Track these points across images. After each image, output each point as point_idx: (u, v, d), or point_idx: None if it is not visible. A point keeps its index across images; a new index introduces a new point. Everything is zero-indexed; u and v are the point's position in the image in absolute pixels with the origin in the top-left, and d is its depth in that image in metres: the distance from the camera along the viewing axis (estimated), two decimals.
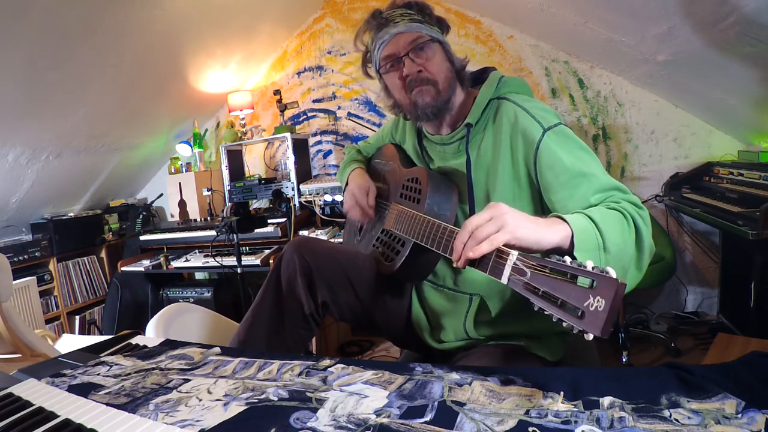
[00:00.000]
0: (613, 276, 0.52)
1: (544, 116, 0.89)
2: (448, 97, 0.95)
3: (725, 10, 1.38)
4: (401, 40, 0.93)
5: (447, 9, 2.59)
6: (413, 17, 0.94)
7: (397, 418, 0.57)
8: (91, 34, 1.88)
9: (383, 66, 0.97)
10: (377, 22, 0.96)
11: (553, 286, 0.57)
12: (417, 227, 0.91)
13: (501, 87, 0.97)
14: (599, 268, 0.54)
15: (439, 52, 0.95)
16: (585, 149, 0.88)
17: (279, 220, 2.43)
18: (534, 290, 0.60)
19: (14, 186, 2.36)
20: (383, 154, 1.25)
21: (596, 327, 0.53)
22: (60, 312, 2.68)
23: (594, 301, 0.53)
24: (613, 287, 0.52)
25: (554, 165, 0.85)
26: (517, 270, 0.62)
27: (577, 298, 0.55)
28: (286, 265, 1.05)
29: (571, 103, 2.47)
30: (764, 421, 0.50)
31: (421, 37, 0.93)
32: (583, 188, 0.82)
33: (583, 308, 0.54)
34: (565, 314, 0.56)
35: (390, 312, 1.10)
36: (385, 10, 0.97)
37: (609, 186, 0.83)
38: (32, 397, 0.68)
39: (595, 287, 0.54)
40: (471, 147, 0.96)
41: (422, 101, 0.94)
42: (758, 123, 2.00)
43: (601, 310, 0.52)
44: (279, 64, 3.04)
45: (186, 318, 1.36)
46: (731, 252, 2.13)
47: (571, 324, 0.55)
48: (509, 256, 0.64)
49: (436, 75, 0.93)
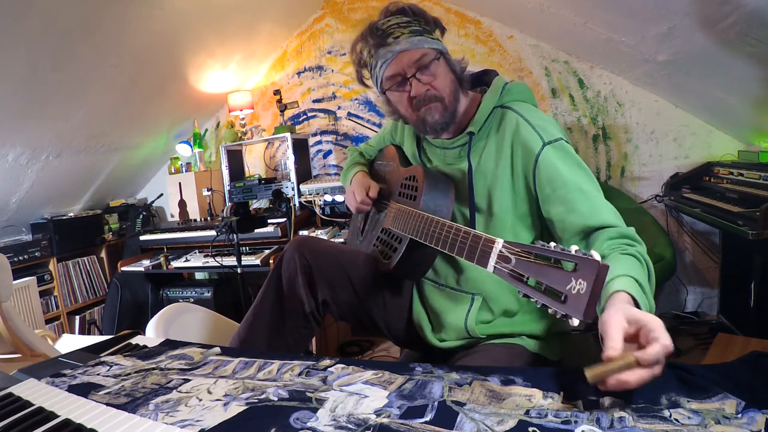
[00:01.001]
0: (596, 258, 0.52)
1: (547, 129, 0.89)
2: (454, 109, 0.95)
3: (725, 9, 1.38)
4: (405, 58, 0.90)
5: (447, 9, 2.59)
6: (412, 28, 0.91)
7: (397, 418, 0.57)
8: (91, 34, 1.88)
9: (387, 84, 0.95)
10: (376, 38, 0.92)
11: (538, 272, 0.57)
12: (413, 224, 0.91)
13: (505, 95, 0.96)
14: (582, 251, 0.53)
15: (443, 64, 0.93)
16: (583, 168, 0.88)
17: (279, 220, 2.43)
18: (519, 277, 0.59)
19: (14, 186, 2.36)
20: (384, 156, 1.26)
21: (578, 310, 0.52)
22: (60, 312, 2.68)
23: (576, 284, 0.52)
24: (595, 269, 0.51)
25: (553, 178, 0.85)
26: (503, 257, 0.62)
27: (559, 281, 0.54)
28: (286, 264, 1.05)
29: (571, 103, 2.47)
30: (764, 421, 0.50)
31: (426, 55, 0.91)
32: (581, 206, 0.83)
33: (565, 292, 0.53)
34: (548, 299, 0.55)
35: (390, 311, 1.10)
36: (380, 20, 0.93)
37: (605, 209, 0.83)
38: (32, 397, 0.68)
39: (577, 270, 0.53)
40: (473, 154, 0.96)
41: (432, 119, 0.93)
42: (758, 123, 2.00)
43: (582, 293, 0.51)
44: (279, 64, 3.04)
45: (186, 318, 1.37)
46: (731, 252, 2.12)
47: (554, 309, 0.54)
48: (495, 244, 0.63)
49: (442, 91, 0.92)
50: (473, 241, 0.69)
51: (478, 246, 0.67)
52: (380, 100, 1.03)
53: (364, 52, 0.96)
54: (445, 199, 0.96)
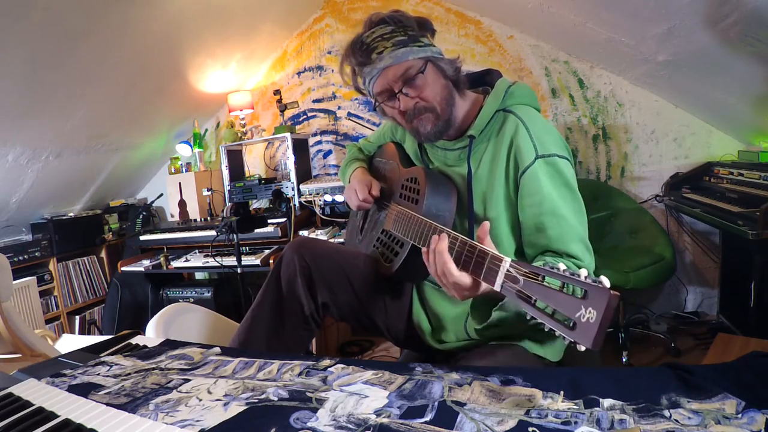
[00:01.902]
0: (606, 286, 0.51)
1: (544, 142, 0.88)
2: (448, 116, 0.94)
3: (725, 9, 1.38)
4: (390, 74, 0.89)
5: (447, 9, 2.59)
6: (396, 39, 0.89)
7: (397, 418, 0.57)
8: (92, 34, 1.88)
9: (378, 99, 0.95)
10: (360, 56, 0.91)
11: (546, 295, 0.56)
12: (415, 229, 0.91)
13: (508, 98, 0.95)
14: (592, 277, 0.52)
15: (431, 72, 0.91)
16: (570, 188, 0.87)
17: (279, 220, 2.43)
18: (527, 299, 0.59)
19: (14, 186, 2.36)
20: (384, 153, 1.25)
21: (587, 339, 0.51)
22: (60, 312, 2.68)
23: (586, 312, 0.51)
24: (605, 298, 0.50)
25: (532, 194, 0.86)
26: (510, 277, 0.61)
27: (569, 308, 0.53)
28: (286, 266, 1.05)
29: (571, 103, 2.47)
30: (764, 421, 0.50)
31: (411, 68, 0.89)
32: (550, 230, 0.84)
33: (575, 319, 0.52)
34: (557, 324, 0.55)
35: (390, 312, 1.10)
36: (364, 33, 0.91)
37: (575, 239, 0.84)
38: (32, 397, 0.68)
39: (587, 297, 0.52)
40: (473, 158, 0.95)
41: (424, 129, 0.93)
42: (758, 123, 2.00)
43: (592, 322, 0.51)
44: (279, 64, 3.04)
45: (186, 318, 1.36)
46: (731, 252, 2.12)
47: (564, 335, 0.54)
48: (502, 263, 0.63)
49: (432, 100, 0.91)
50: (479, 257, 0.68)
51: (484, 263, 0.66)
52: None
53: (350, 70, 0.96)
54: (447, 204, 0.95)
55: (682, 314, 2.37)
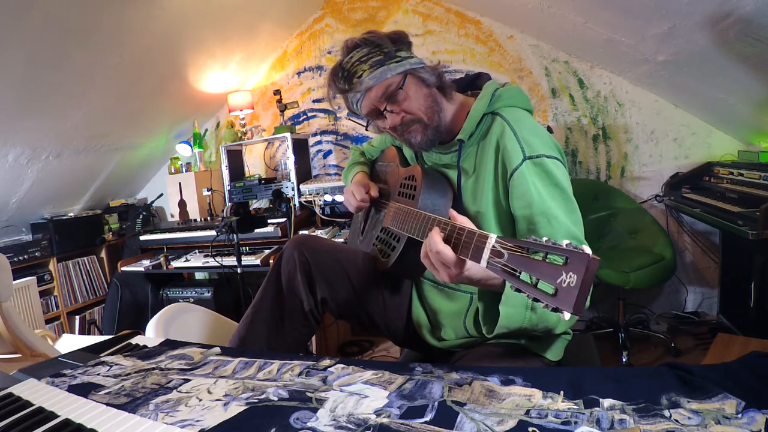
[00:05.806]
0: (586, 251, 0.52)
1: (531, 143, 0.88)
2: (437, 124, 0.95)
3: (725, 9, 1.38)
4: (372, 94, 0.92)
5: (447, 9, 2.59)
6: (373, 59, 0.91)
7: (397, 418, 0.57)
8: (92, 34, 1.88)
9: (369, 118, 0.98)
10: (342, 83, 0.93)
11: (530, 266, 0.57)
12: (411, 222, 0.91)
13: (495, 101, 0.95)
14: (572, 244, 0.53)
15: (411, 84, 0.93)
16: (560, 188, 0.86)
17: (279, 220, 2.43)
18: (512, 272, 0.59)
19: (14, 186, 2.36)
20: (386, 157, 1.28)
21: (569, 303, 0.52)
22: (60, 312, 2.68)
23: (566, 277, 0.52)
24: (585, 261, 0.51)
25: (523, 196, 0.86)
26: (496, 252, 0.62)
27: (550, 275, 0.54)
28: (286, 262, 1.06)
29: (571, 103, 2.47)
30: (764, 421, 0.50)
31: (391, 85, 0.92)
32: (541, 230, 0.84)
33: (556, 285, 0.53)
34: (540, 293, 0.55)
35: (389, 310, 1.10)
36: (343, 59, 0.94)
37: (567, 238, 0.83)
38: (32, 397, 0.68)
39: (567, 263, 0.53)
40: (463, 161, 0.97)
41: (415, 140, 0.95)
42: (758, 123, 2.00)
43: (573, 286, 0.51)
44: (279, 64, 3.04)
45: (186, 318, 1.37)
46: (731, 252, 2.13)
47: (546, 302, 0.55)
48: (488, 239, 0.64)
49: (417, 112, 0.93)
50: (467, 237, 0.69)
51: (472, 241, 0.67)
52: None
53: (337, 96, 0.99)
54: (442, 198, 0.96)
55: (682, 314, 2.37)
